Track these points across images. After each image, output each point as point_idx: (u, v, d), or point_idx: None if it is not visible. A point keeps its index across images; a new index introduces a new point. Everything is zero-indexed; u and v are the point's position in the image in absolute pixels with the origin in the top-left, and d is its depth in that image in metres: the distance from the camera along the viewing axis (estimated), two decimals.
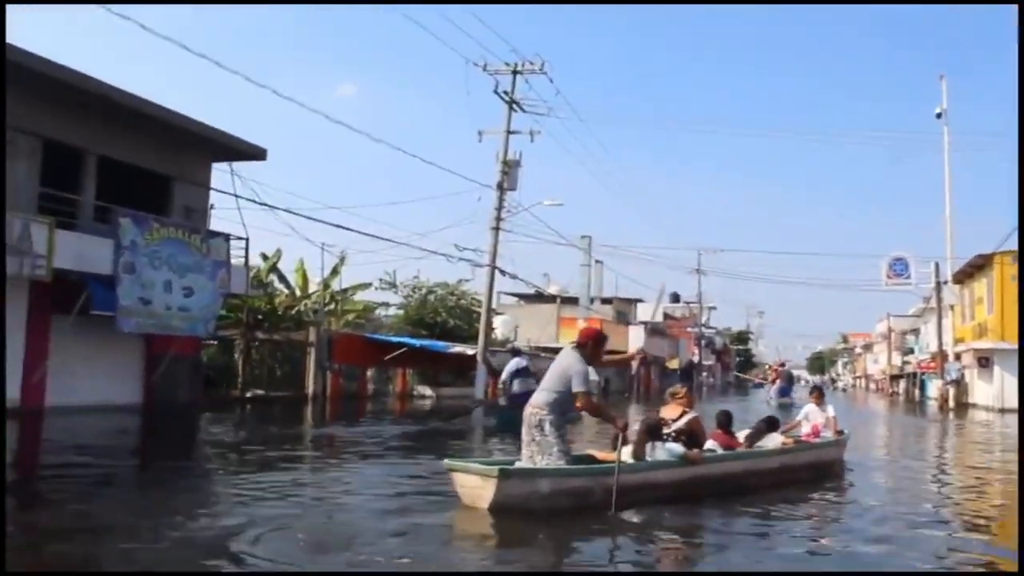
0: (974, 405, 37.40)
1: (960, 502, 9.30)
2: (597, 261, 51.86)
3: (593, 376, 7.66)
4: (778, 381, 35.04)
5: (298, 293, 30.71)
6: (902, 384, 65.00)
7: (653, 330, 52.92)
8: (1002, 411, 33.58)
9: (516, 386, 19.89)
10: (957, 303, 39.13)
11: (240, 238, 20.87)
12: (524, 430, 7.26)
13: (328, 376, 27.35)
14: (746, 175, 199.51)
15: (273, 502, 7.48)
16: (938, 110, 37.78)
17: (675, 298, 72.70)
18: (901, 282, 47.99)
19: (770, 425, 10.34)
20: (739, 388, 77.45)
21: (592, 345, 7.50)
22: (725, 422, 9.64)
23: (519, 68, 29.77)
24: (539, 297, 47.96)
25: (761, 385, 74.12)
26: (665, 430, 7.90)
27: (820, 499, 8.66)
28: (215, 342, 25.04)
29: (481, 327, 29.31)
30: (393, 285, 33.64)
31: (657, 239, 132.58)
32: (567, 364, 7.24)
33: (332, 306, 30.77)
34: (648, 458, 7.72)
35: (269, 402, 24.76)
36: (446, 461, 7.25)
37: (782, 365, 44.26)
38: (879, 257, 41.35)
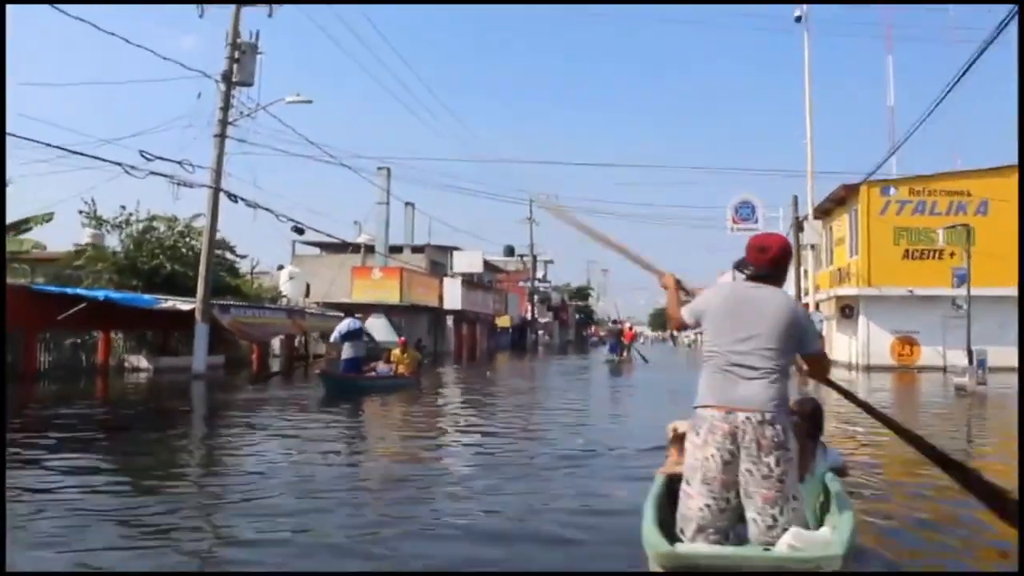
0: (834, 362, 32.27)
1: None
2: (407, 204, 43.93)
3: None
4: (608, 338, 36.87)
5: None
6: None
7: (473, 283, 45.57)
8: (868, 369, 28.54)
9: (348, 350, 17.54)
10: (820, 242, 33.80)
11: None
12: (728, 456, 3.80)
13: None
14: (582, 107, 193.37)
15: None
16: (798, 12, 31.84)
17: (509, 251, 66.62)
18: (748, 227, 44.34)
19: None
20: (579, 345, 73.24)
21: (786, 267, 4.22)
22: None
23: None
24: (344, 247, 39.70)
25: (597, 343, 71.29)
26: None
27: None
28: None
29: (201, 270, 20.84)
30: (96, 218, 24.38)
31: (484, 181, 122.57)
32: (791, 311, 3.99)
33: None
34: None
35: None
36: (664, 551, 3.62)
37: (615, 323, 44.57)
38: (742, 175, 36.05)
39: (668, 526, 3.96)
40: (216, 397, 16.96)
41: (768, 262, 4.11)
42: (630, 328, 43.15)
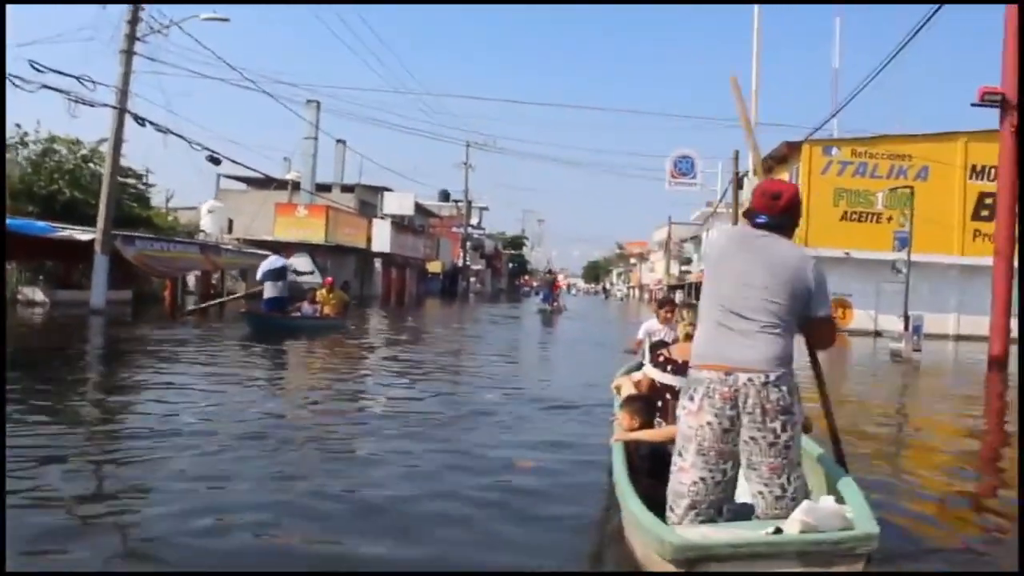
0: None
1: None
2: (339, 141, 42.07)
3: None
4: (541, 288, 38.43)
5: None
6: (679, 296, 61.82)
7: (404, 226, 44.09)
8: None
9: (270, 289, 17.09)
10: None
11: None
12: (727, 424, 3.39)
13: None
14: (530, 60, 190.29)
15: None
16: None
17: (444, 195, 65.23)
18: (686, 182, 44.25)
19: None
20: (511, 294, 72.77)
21: (798, 215, 3.79)
22: None
23: None
24: (269, 183, 37.75)
25: (528, 292, 71.51)
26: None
27: None
28: None
29: (103, 198, 19.13)
30: None
31: (418, 119, 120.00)
32: (802, 265, 3.51)
33: None
34: None
35: None
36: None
37: (549, 272, 47.06)
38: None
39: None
40: (109, 334, 15.49)
41: (781, 209, 3.69)
42: (560, 279, 43.13)
